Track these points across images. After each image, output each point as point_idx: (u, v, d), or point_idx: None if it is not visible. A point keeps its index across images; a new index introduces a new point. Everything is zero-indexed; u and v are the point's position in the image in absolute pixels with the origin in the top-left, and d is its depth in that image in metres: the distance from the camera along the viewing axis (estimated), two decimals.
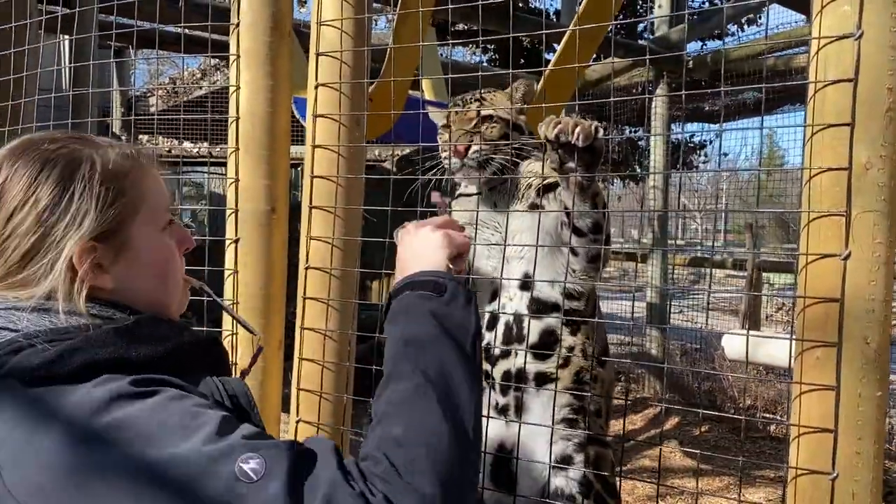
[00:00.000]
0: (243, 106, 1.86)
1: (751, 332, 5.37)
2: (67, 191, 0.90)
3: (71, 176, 0.91)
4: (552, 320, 1.82)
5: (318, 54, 1.82)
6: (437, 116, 2.15)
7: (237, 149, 1.87)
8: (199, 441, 0.77)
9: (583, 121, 1.59)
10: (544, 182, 1.90)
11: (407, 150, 6.78)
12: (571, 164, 1.63)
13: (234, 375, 0.98)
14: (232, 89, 1.88)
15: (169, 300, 0.98)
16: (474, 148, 1.91)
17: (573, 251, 1.78)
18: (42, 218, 0.89)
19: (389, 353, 0.94)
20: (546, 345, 1.82)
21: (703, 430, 5.43)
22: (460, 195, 2.08)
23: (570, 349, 1.83)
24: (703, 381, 5.91)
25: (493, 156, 1.91)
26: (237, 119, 1.87)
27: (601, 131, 1.59)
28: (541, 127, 1.64)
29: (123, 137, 7.91)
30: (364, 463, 0.82)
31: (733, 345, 5.08)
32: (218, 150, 8.03)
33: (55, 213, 0.89)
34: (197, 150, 8.40)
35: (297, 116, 2.77)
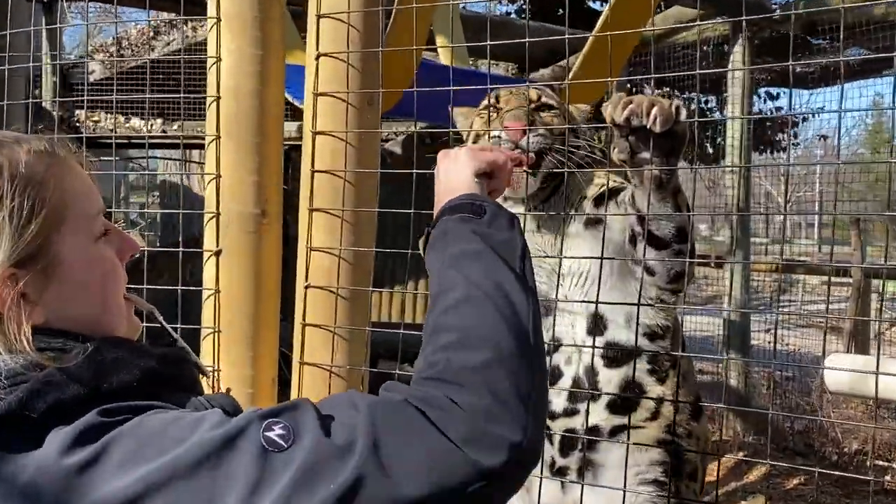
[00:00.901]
0: (226, 81, 1.87)
1: (857, 358, 5.32)
2: None
3: None
4: (633, 367, 1.81)
5: (319, 16, 1.83)
6: (462, 114, 2.14)
7: (218, 136, 1.88)
8: (206, 429, 0.81)
9: (660, 99, 1.58)
10: (601, 189, 1.89)
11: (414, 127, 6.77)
12: (646, 155, 1.62)
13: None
14: (211, 61, 1.89)
15: (112, 324, 0.99)
16: (538, 130, 1.87)
17: (649, 269, 1.77)
18: None
19: (434, 276, 1.06)
20: (626, 398, 1.81)
21: (798, 481, 5.39)
22: None
23: (659, 401, 1.83)
24: (795, 420, 5.87)
25: (553, 146, 1.88)
26: (218, 98, 1.88)
27: (684, 112, 1.58)
28: (606, 107, 1.63)
29: (56, 114, 7.95)
30: (418, 375, 0.91)
31: (837, 373, 5.03)
32: (175, 128, 8.06)
33: None
34: (149, 128, 8.45)
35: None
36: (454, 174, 1.22)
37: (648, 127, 1.57)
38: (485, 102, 2.00)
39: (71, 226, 0.95)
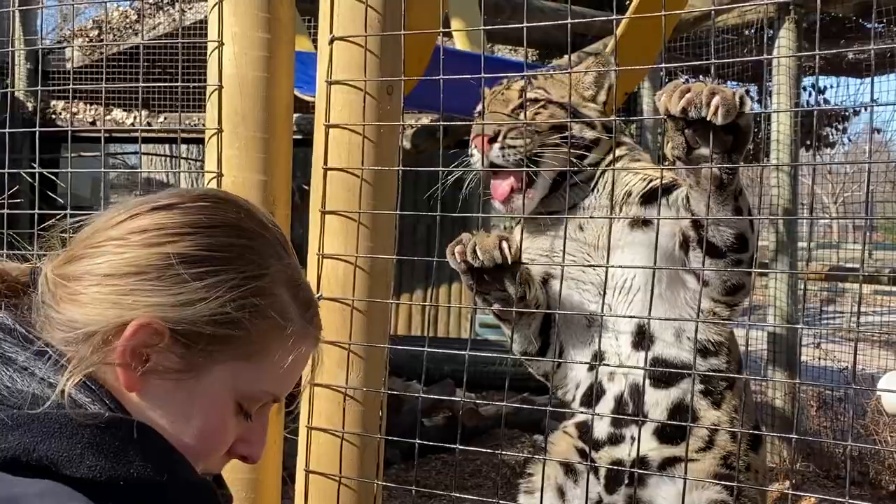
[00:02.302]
0: (229, 69, 1.85)
1: None
2: (210, 265, 0.90)
3: (230, 260, 0.91)
4: (685, 389, 1.78)
5: None
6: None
7: (220, 130, 1.86)
8: None
9: (722, 88, 1.55)
10: (650, 185, 1.86)
11: (424, 120, 6.77)
12: (705, 151, 1.60)
13: None
14: (212, 46, 1.87)
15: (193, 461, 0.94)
16: (505, 141, 1.86)
17: (704, 280, 1.74)
18: (157, 263, 0.89)
19: None
20: (678, 424, 1.78)
21: None
22: (524, 219, 1.99)
23: (714, 429, 1.79)
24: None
25: (541, 151, 1.88)
26: (220, 88, 1.85)
27: (749, 102, 1.56)
28: (659, 97, 1.61)
29: (30, 105, 7.96)
30: None
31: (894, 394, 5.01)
32: (162, 120, 8.07)
33: (172, 271, 0.89)
34: (132, 120, 8.46)
35: None
36: None
37: (708, 119, 1.54)
38: (478, 108, 2.01)
39: (243, 372, 0.93)
